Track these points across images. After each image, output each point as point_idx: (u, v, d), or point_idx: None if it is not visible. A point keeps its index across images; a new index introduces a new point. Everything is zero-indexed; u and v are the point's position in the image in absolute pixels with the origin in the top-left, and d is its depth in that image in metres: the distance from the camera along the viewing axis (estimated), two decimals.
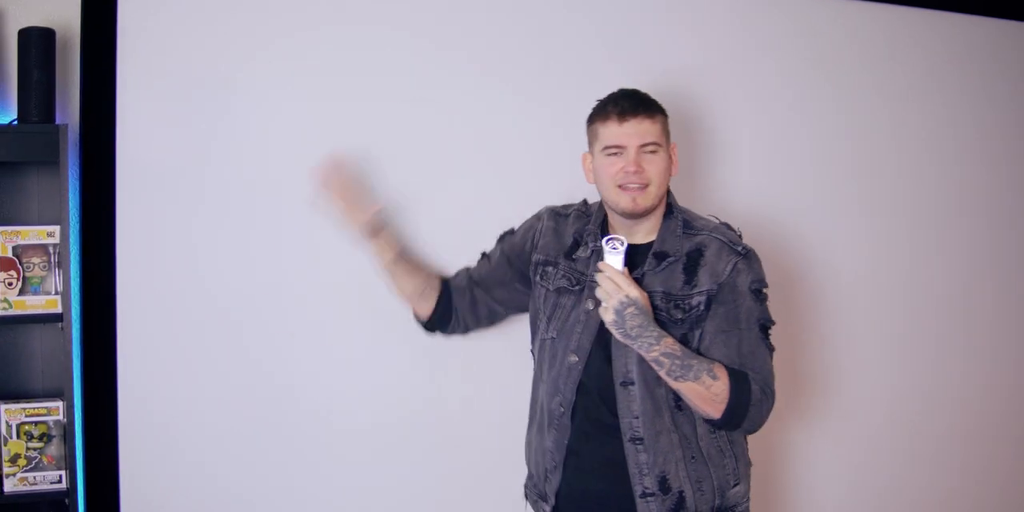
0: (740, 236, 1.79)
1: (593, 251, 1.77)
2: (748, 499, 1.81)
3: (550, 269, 1.83)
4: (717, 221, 1.81)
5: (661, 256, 1.73)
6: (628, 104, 1.69)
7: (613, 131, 1.69)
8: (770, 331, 1.74)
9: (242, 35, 2.05)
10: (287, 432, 2.11)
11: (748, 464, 1.83)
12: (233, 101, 2.05)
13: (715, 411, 1.65)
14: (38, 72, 1.81)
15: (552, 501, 1.78)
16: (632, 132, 1.67)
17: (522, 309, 1.97)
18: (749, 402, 1.65)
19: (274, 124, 2.08)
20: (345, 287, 2.12)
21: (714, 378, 1.63)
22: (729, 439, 1.76)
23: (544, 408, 1.81)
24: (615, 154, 1.69)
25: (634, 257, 1.72)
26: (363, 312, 2.14)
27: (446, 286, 1.98)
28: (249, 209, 2.07)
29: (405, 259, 1.98)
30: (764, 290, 1.74)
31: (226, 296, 2.06)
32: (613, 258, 1.66)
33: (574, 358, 1.75)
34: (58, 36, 1.87)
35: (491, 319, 2.01)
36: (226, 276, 2.06)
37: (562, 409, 1.76)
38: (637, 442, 1.70)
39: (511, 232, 1.97)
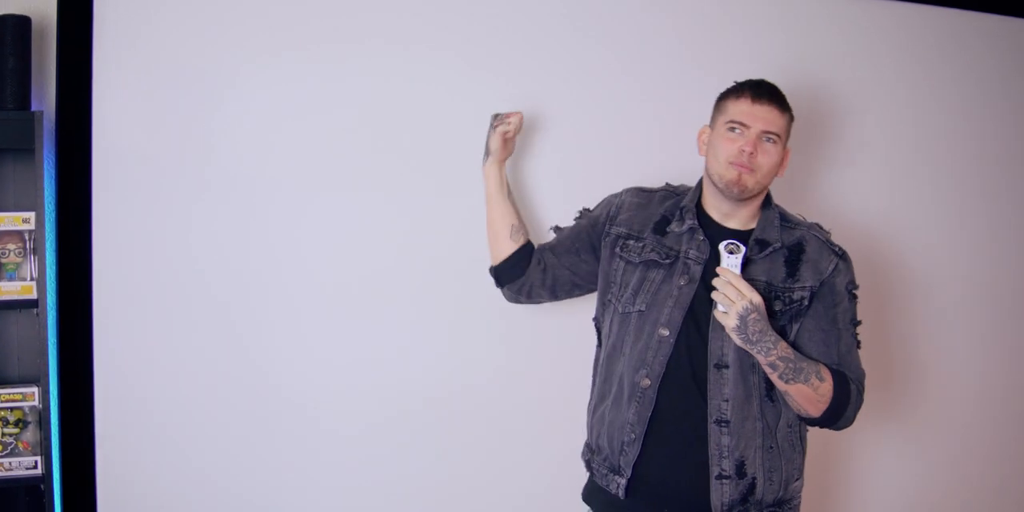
0: (830, 236, 1.85)
1: (690, 228, 1.79)
2: (799, 499, 1.86)
3: (632, 242, 1.84)
4: (808, 220, 1.88)
5: (763, 244, 1.77)
6: (765, 89, 1.75)
7: (743, 108, 1.74)
8: (858, 330, 1.81)
9: (221, 24, 2.05)
10: (266, 417, 2.12)
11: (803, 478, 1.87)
12: (211, 89, 2.05)
13: (816, 410, 1.72)
14: (13, 60, 1.81)
15: (628, 473, 1.77)
16: (760, 115, 1.72)
17: (588, 280, 1.97)
18: (848, 402, 1.72)
19: (252, 113, 2.08)
20: (321, 271, 2.14)
21: (821, 380, 1.70)
22: (800, 434, 1.81)
23: (626, 381, 1.79)
24: (736, 131, 1.74)
25: (719, 237, 1.76)
26: (338, 294, 2.16)
27: (530, 242, 2.01)
28: (225, 197, 2.07)
29: (510, 195, 2.03)
30: (856, 291, 1.81)
31: (201, 282, 2.06)
32: (732, 262, 1.69)
33: (665, 332, 1.75)
34: (34, 23, 1.87)
35: (554, 290, 2.00)
36: (201, 262, 2.06)
37: (648, 382, 1.75)
38: (723, 424, 1.72)
39: (588, 210, 2.01)
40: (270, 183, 2.08)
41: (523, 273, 1.98)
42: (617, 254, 1.85)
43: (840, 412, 1.73)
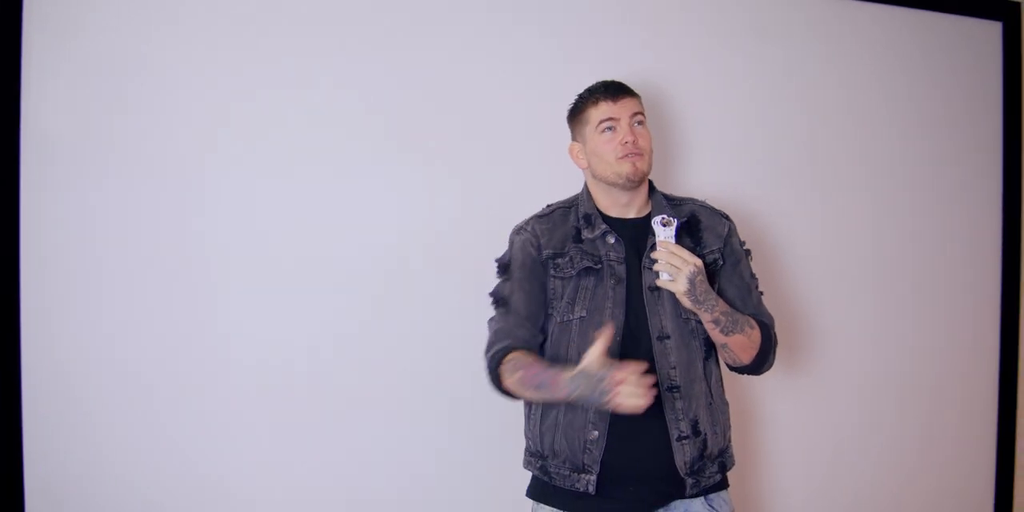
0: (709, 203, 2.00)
1: (603, 232, 1.88)
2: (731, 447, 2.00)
3: (560, 260, 1.89)
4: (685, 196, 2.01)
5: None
6: (614, 86, 1.88)
7: (605, 109, 1.86)
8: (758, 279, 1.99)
9: (156, 6, 2.03)
10: (202, 414, 2.09)
11: None
12: (143, 74, 2.02)
13: (748, 357, 1.88)
14: None
15: (596, 469, 1.83)
16: (623, 106, 1.86)
17: None
18: (772, 345, 1.91)
19: (186, 98, 2.06)
20: (251, 263, 2.11)
21: (752, 328, 1.86)
22: (723, 387, 1.97)
23: None
24: (611, 128, 1.86)
25: (642, 229, 1.89)
26: (273, 289, 2.14)
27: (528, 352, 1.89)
28: (158, 185, 2.04)
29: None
30: (746, 246, 1.98)
31: (128, 268, 2.02)
32: (668, 234, 1.81)
33: (611, 331, 1.78)
34: None
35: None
36: (129, 251, 2.03)
37: None
38: (674, 390, 1.84)
39: (504, 264, 1.94)
40: (204, 171, 2.06)
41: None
42: (551, 275, 1.90)
43: (767, 355, 1.90)
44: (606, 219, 1.90)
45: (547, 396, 1.75)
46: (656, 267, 1.79)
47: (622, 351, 1.82)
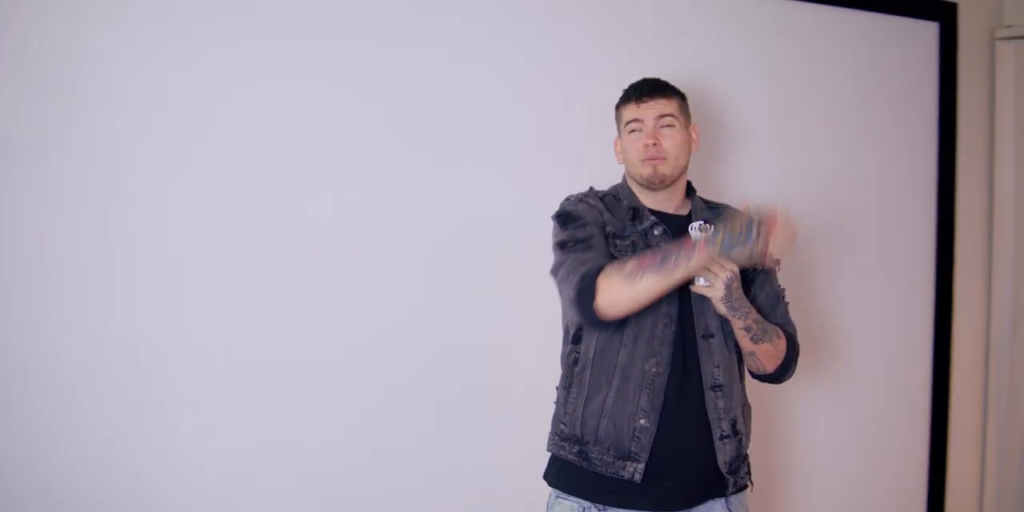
0: None
1: (652, 223, 1.90)
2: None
3: (619, 241, 1.89)
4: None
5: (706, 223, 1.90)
6: (645, 87, 1.91)
7: (632, 110, 1.90)
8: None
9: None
10: (185, 405, 2.08)
11: None
12: (86, 72, 1.98)
13: (773, 366, 1.93)
14: None
15: (645, 457, 1.82)
16: (648, 109, 1.88)
17: None
18: (796, 356, 1.96)
19: (131, 95, 2.02)
20: (188, 261, 2.09)
21: (779, 338, 1.90)
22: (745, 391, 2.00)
23: (634, 370, 1.83)
24: (636, 130, 1.89)
25: (678, 225, 1.89)
26: (226, 284, 2.12)
27: None
28: (105, 180, 2.02)
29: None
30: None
31: (65, 265, 1.99)
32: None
33: (667, 320, 1.86)
34: None
35: None
36: (71, 249, 2.00)
37: (658, 369, 1.83)
38: (717, 389, 1.87)
39: (572, 215, 1.88)
40: (153, 173, 2.03)
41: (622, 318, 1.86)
42: (612, 253, 1.87)
43: (790, 365, 1.95)
44: (652, 212, 1.92)
45: (674, 271, 1.70)
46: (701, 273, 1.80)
47: (677, 343, 1.85)
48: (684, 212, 1.95)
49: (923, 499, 2.97)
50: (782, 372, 1.95)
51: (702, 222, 1.80)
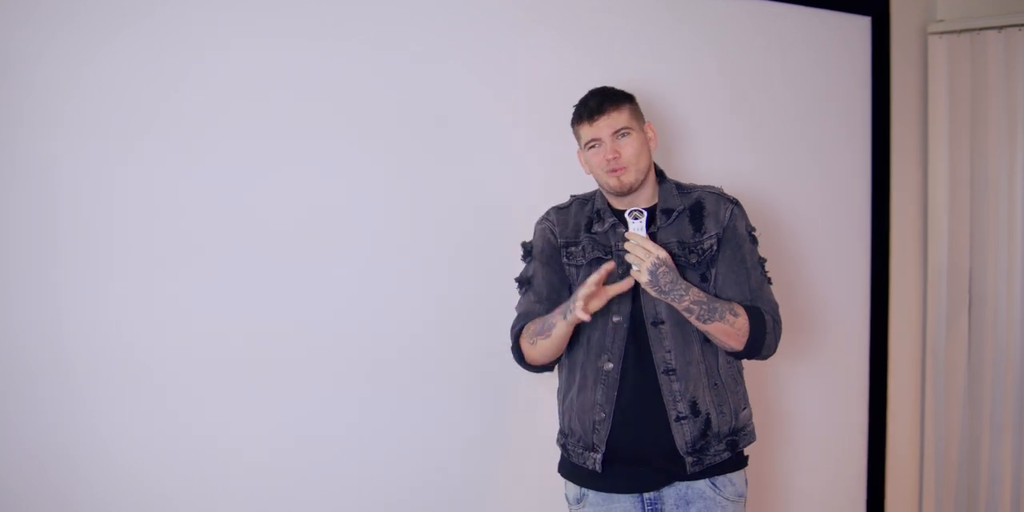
0: (723, 189, 2.05)
1: (611, 224, 1.99)
2: (752, 425, 2.06)
3: (574, 248, 2.03)
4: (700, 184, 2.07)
5: (668, 212, 1.98)
6: (595, 104, 1.95)
7: (586, 130, 1.96)
8: (765, 268, 2.02)
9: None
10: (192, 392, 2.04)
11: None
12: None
13: (738, 344, 1.92)
14: None
15: (603, 448, 1.96)
16: (602, 127, 1.94)
17: None
18: (765, 331, 1.92)
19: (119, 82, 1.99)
20: (186, 252, 2.06)
21: (735, 315, 1.89)
22: (738, 368, 2.04)
23: (589, 367, 1.98)
24: (595, 146, 1.96)
25: (647, 219, 1.95)
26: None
27: None
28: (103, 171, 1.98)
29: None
30: (755, 233, 2.03)
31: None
32: (636, 226, 1.89)
33: (618, 318, 1.96)
34: None
35: None
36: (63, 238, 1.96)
37: (611, 365, 1.96)
38: (670, 373, 1.93)
39: (528, 248, 2.11)
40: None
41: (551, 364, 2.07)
42: (565, 263, 2.04)
43: (760, 341, 1.92)
44: (615, 212, 2.00)
45: (554, 332, 1.92)
46: (627, 258, 1.88)
47: (627, 335, 1.95)
48: (652, 204, 2.00)
49: (863, 498, 2.97)
50: (752, 350, 1.93)
51: (635, 209, 1.90)
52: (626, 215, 1.90)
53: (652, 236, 1.93)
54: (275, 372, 2.14)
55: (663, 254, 1.85)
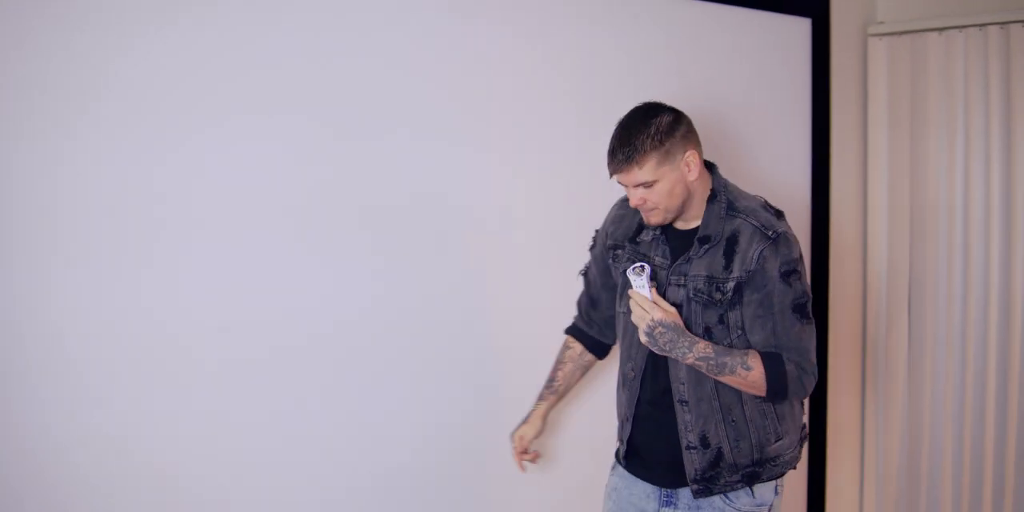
0: (780, 214, 1.95)
1: (653, 237, 1.99)
2: (795, 451, 2.01)
3: (619, 252, 2.05)
4: (761, 201, 1.97)
5: (704, 240, 1.93)
6: (618, 157, 1.87)
7: (615, 177, 1.91)
8: (806, 306, 1.90)
9: None
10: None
11: (797, 419, 2.01)
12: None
13: (759, 392, 1.89)
14: None
15: (626, 445, 2.07)
16: (626, 180, 1.89)
17: None
18: (787, 381, 1.87)
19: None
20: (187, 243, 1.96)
21: (747, 369, 1.85)
22: (773, 403, 1.96)
23: (621, 371, 2.07)
24: (623, 185, 1.92)
25: (688, 241, 1.95)
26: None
27: (580, 334, 2.20)
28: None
29: (555, 389, 2.19)
30: (797, 269, 1.89)
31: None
32: (639, 283, 1.88)
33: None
34: None
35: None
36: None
37: (633, 373, 2.01)
38: (683, 404, 1.94)
39: (593, 238, 2.17)
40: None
41: (607, 345, 2.20)
42: (611, 264, 2.07)
43: (782, 391, 1.88)
44: (665, 228, 1.98)
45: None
46: (632, 317, 1.90)
47: (649, 356, 1.98)
48: (694, 225, 1.96)
49: (804, 502, 2.95)
50: (773, 397, 1.89)
51: (638, 265, 1.89)
52: (628, 273, 1.89)
53: (684, 262, 1.92)
54: (273, 367, 2.12)
55: (659, 315, 1.85)
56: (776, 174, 2.88)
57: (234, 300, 2.08)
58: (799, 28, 2.91)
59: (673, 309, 1.89)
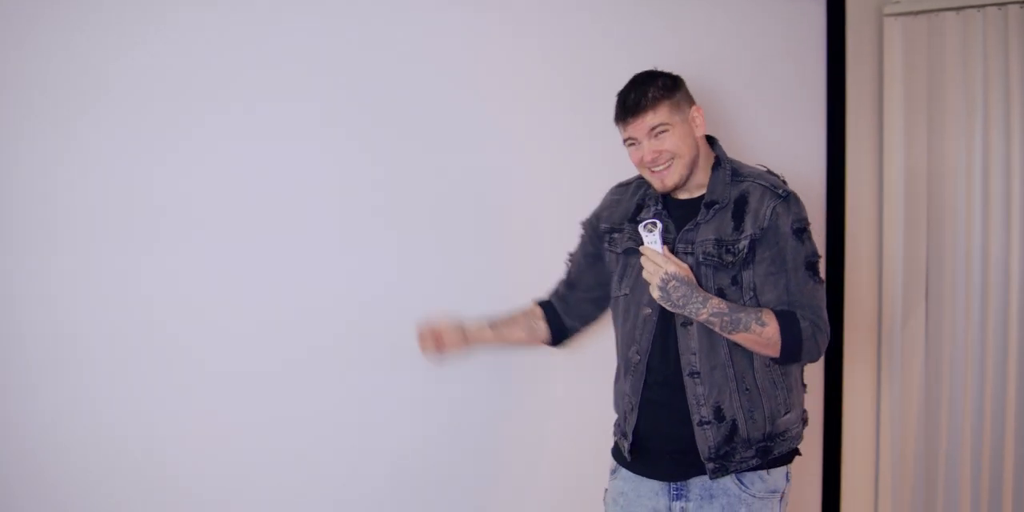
0: (784, 181, 1.95)
1: (655, 213, 1.95)
2: (801, 422, 2.01)
3: (616, 235, 2.02)
4: (764, 169, 1.98)
5: (711, 205, 1.91)
6: (630, 102, 1.88)
7: (624, 130, 1.91)
8: (817, 265, 1.90)
9: None
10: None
11: (800, 395, 2.01)
12: None
13: (773, 352, 1.85)
14: None
15: (631, 438, 1.99)
16: (637, 126, 1.87)
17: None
18: (802, 339, 1.84)
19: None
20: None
21: (763, 325, 1.82)
22: (782, 372, 1.94)
23: (621, 357, 2.03)
24: (633, 145, 1.91)
25: (692, 209, 1.93)
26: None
27: (548, 307, 2.17)
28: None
29: (495, 324, 2.14)
30: (807, 228, 1.90)
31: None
32: (651, 239, 1.85)
33: (648, 310, 1.94)
34: None
35: (592, 313, 2.17)
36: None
37: (638, 357, 1.96)
38: (695, 376, 1.90)
39: (582, 222, 2.15)
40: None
41: (567, 331, 2.17)
42: (606, 249, 2.06)
43: (796, 349, 1.84)
44: (666, 200, 1.97)
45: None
46: (643, 274, 1.87)
47: (655, 333, 1.94)
48: (701, 193, 1.95)
49: (818, 491, 2.91)
50: (789, 357, 1.86)
51: (650, 221, 1.86)
52: (640, 229, 1.86)
53: (691, 230, 1.91)
54: (273, 367, 2.12)
55: (672, 268, 1.82)
56: (790, 160, 2.78)
57: (234, 300, 2.07)
58: (813, 8, 2.83)
59: (686, 265, 1.86)
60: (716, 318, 1.83)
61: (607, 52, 2.50)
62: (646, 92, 1.88)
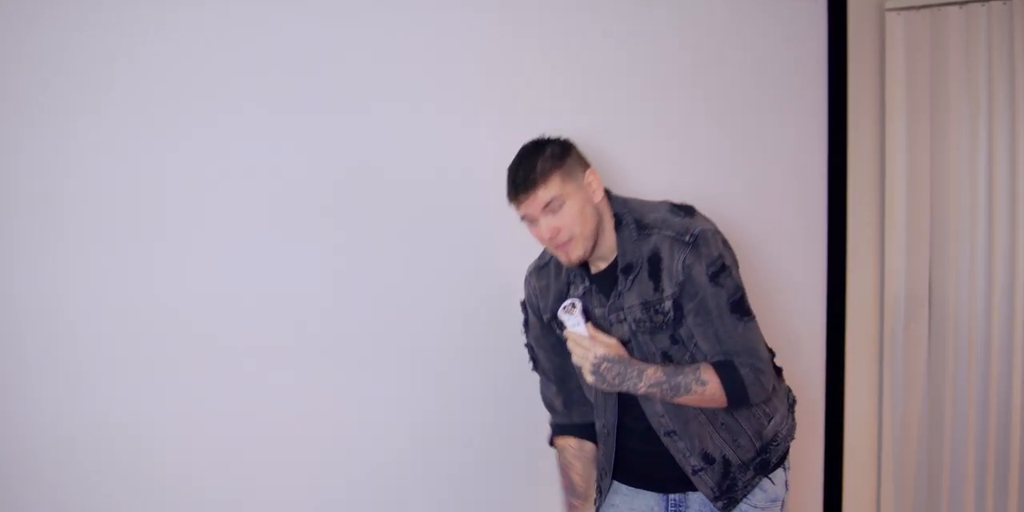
0: (690, 212, 1.86)
1: (584, 290, 1.90)
2: (789, 421, 1.99)
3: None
4: (667, 206, 1.88)
5: (627, 270, 1.85)
6: (516, 182, 1.80)
7: (517, 207, 1.82)
8: (742, 302, 1.83)
9: None
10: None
11: (780, 390, 1.98)
12: None
13: (720, 404, 1.83)
14: None
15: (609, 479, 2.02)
16: (529, 204, 1.79)
17: None
18: (745, 386, 1.81)
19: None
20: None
21: (703, 384, 1.79)
22: None
23: (597, 423, 2.01)
24: (532, 222, 1.83)
25: (612, 278, 1.87)
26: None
27: (568, 430, 2.07)
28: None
29: (580, 494, 2.08)
30: (725, 265, 1.82)
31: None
32: (572, 322, 1.81)
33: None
34: None
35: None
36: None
37: (606, 430, 1.97)
38: (672, 435, 1.89)
39: (524, 320, 2.07)
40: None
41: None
42: (560, 334, 1.93)
43: (743, 396, 1.81)
44: (588, 275, 1.91)
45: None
46: (573, 359, 1.84)
47: (619, 406, 1.93)
48: (614, 257, 1.88)
49: (820, 493, 2.90)
50: (736, 405, 1.84)
51: (567, 303, 1.82)
52: (560, 312, 1.82)
53: (615, 299, 1.86)
54: (273, 367, 2.12)
55: (600, 351, 1.79)
56: (790, 160, 2.81)
57: (235, 300, 2.06)
58: (813, 5, 2.82)
59: (613, 340, 1.82)
60: (655, 388, 1.79)
61: (607, 52, 2.50)
62: (534, 165, 1.79)
